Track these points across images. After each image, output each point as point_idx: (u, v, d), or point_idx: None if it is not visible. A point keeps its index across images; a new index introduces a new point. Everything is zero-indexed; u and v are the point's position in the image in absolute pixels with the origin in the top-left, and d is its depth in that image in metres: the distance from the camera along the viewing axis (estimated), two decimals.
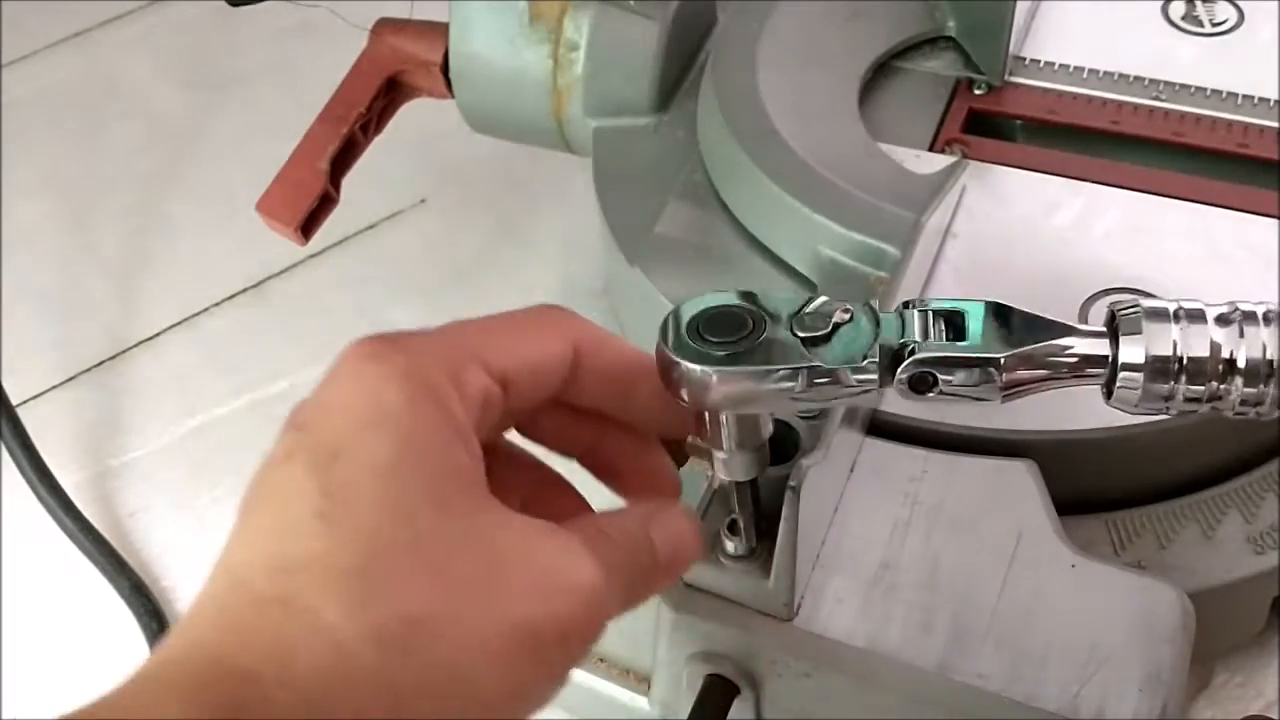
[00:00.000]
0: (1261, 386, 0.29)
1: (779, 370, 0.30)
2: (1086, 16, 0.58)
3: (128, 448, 0.64)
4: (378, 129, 0.61)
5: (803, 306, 0.31)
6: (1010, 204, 0.51)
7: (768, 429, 0.34)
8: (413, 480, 0.27)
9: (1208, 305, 0.30)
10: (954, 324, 0.31)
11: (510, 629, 0.27)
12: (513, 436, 0.34)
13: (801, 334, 0.30)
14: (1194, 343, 0.30)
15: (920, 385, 0.30)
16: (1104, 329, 0.31)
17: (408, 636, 0.26)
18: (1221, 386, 0.30)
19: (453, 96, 0.59)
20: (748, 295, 0.31)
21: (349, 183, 0.60)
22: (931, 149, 0.54)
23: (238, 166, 0.74)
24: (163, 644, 0.27)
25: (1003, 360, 0.30)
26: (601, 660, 0.46)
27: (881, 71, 0.57)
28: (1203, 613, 0.40)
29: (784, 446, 0.38)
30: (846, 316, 0.31)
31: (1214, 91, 0.54)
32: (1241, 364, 0.29)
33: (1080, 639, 0.39)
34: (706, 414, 0.33)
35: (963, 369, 0.30)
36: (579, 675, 0.47)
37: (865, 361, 0.30)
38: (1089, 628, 0.39)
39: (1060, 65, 0.56)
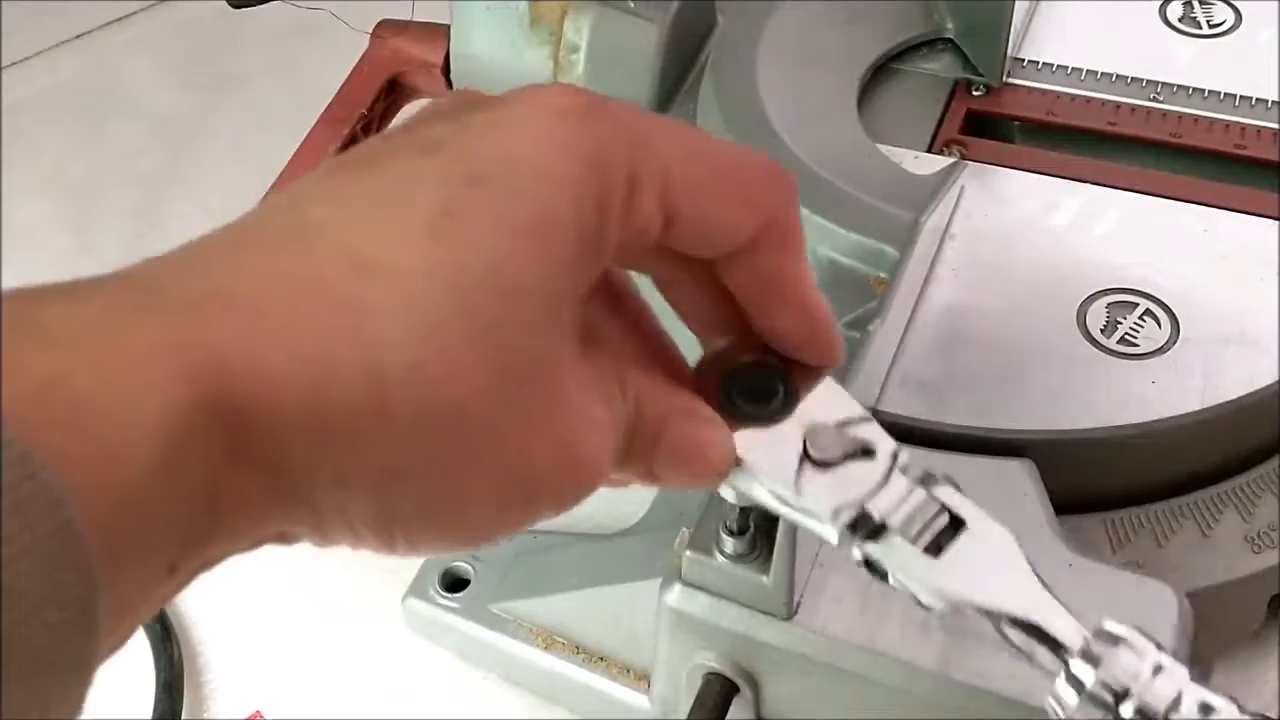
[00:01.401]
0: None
1: (762, 473, 0.28)
2: (1084, 18, 0.59)
3: None
4: (379, 130, 0.61)
5: (835, 417, 0.28)
6: (1008, 205, 0.51)
7: None
8: (539, 263, 0.23)
9: (1190, 683, 0.27)
10: (944, 531, 0.28)
11: (522, 477, 0.25)
12: None
13: (811, 451, 0.28)
14: (1156, 692, 0.27)
15: (871, 569, 0.28)
16: (1086, 635, 0.28)
17: (443, 424, 0.23)
18: None
19: None
20: (790, 368, 0.29)
21: None
22: (930, 150, 0.54)
23: (239, 168, 0.74)
24: (185, 252, 0.23)
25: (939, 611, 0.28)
26: (602, 659, 0.47)
27: (880, 73, 0.57)
28: (1200, 612, 0.40)
29: None
30: (862, 456, 0.28)
31: (1212, 93, 0.54)
32: None
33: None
34: None
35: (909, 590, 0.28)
36: (579, 674, 0.47)
37: (835, 521, 0.28)
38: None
39: (1058, 67, 0.56)
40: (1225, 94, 0.54)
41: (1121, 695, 0.27)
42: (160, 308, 0.22)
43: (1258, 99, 0.54)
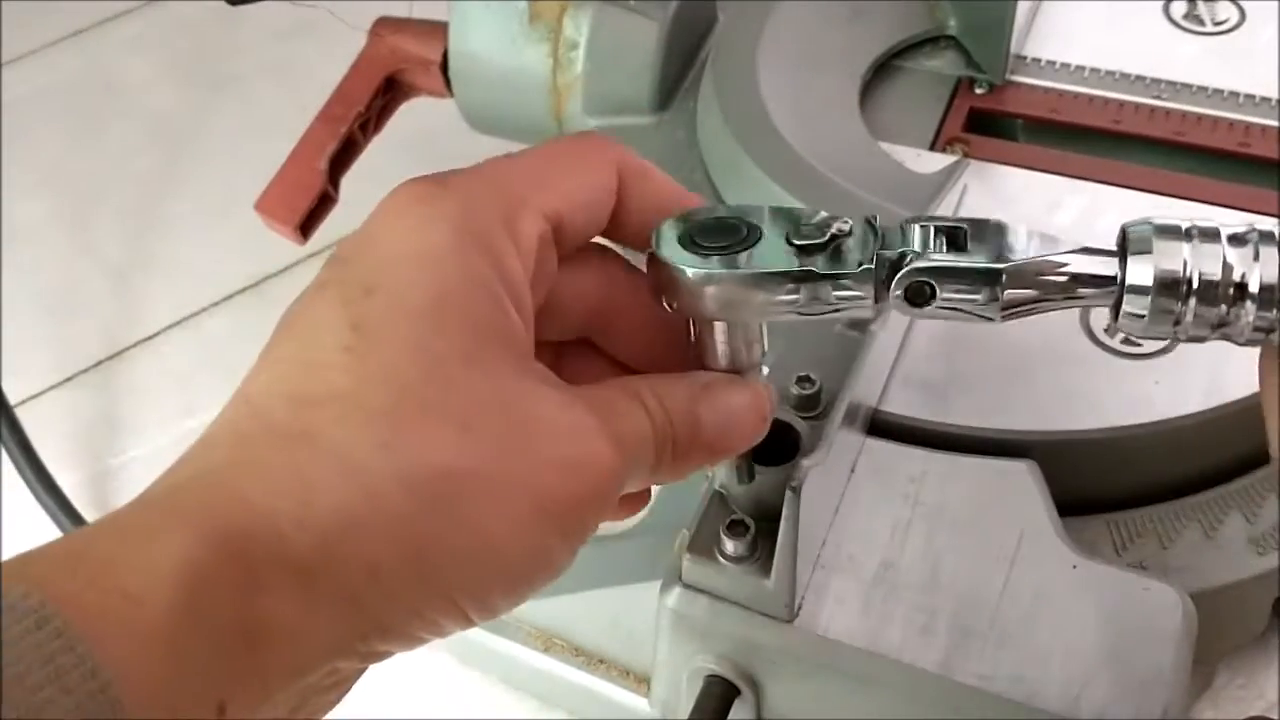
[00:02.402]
0: (1275, 311, 0.28)
1: (773, 272, 0.29)
2: (1088, 15, 0.58)
3: (126, 448, 0.64)
4: (377, 128, 0.61)
5: (800, 218, 0.30)
6: (1011, 203, 0.51)
7: (759, 350, 0.32)
8: (448, 328, 0.26)
9: (1223, 225, 0.28)
10: (956, 240, 0.29)
11: (534, 498, 0.26)
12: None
13: (798, 242, 0.29)
14: (1206, 262, 0.28)
15: (917, 297, 0.29)
16: (1114, 248, 0.29)
17: (438, 487, 0.24)
18: (1232, 311, 0.28)
19: (452, 95, 0.59)
20: (742, 209, 0.30)
21: (348, 182, 0.60)
22: (932, 148, 0.54)
23: (236, 166, 0.73)
24: (170, 469, 0.25)
25: (1004, 273, 0.28)
26: (602, 661, 0.46)
27: (882, 71, 0.56)
28: (1204, 614, 0.40)
29: (784, 446, 0.38)
30: (845, 228, 0.29)
31: (1215, 91, 0.54)
32: (1255, 287, 0.27)
33: (1082, 640, 0.39)
34: (695, 330, 0.31)
35: (962, 280, 0.28)
36: (579, 677, 0.47)
37: (861, 269, 0.29)
38: (1090, 629, 0.39)
39: (1061, 64, 0.56)
40: (1229, 92, 0.54)
41: (1181, 282, 0.28)
42: (156, 494, 0.25)
43: (1261, 97, 0.54)
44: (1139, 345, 0.46)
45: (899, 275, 0.29)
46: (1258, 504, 0.46)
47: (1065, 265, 0.29)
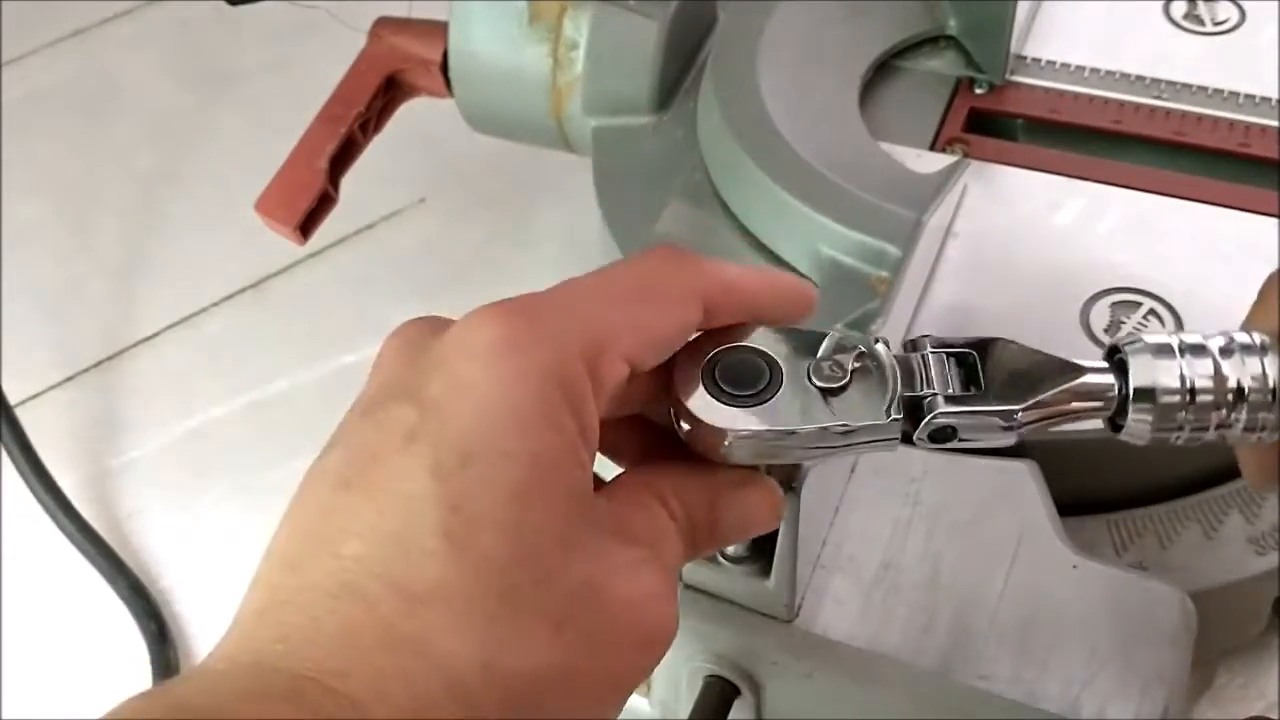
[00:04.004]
0: (1264, 413, 0.30)
1: (803, 430, 0.29)
2: (1088, 15, 0.58)
3: (126, 448, 0.64)
4: (377, 128, 0.61)
5: (817, 350, 0.30)
6: (1011, 203, 0.51)
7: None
8: (543, 507, 0.25)
9: (1206, 337, 0.31)
10: (966, 365, 0.31)
11: (616, 681, 0.26)
12: None
13: (821, 384, 0.30)
14: (1200, 374, 0.30)
15: (940, 438, 0.30)
16: (1106, 364, 0.31)
17: (530, 694, 0.25)
18: (1230, 415, 0.30)
19: (452, 95, 0.59)
20: (757, 336, 0.30)
21: (348, 182, 0.60)
22: (932, 148, 0.54)
23: (236, 165, 0.73)
24: (253, 634, 0.24)
25: (1020, 413, 0.30)
26: None
27: (882, 71, 0.56)
28: (1204, 614, 0.40)
29: None
30: (861, 362, 0.30)
31: (1215, 91, 0.54)
32: (1247, 392, 0.30)
33: (1082, 640, 0.39)
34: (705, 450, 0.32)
35: (980, 424, 0.30)
36: None
37: (890, 420, 0.30)
38: (1090, 628, 0.39)
39: (1061, 64, 0.56)
40: (1229, 92, 0.54)
41: (1179, 392, 0.30)
42: (277, 686, 0.23)
43: (1261, 97, 0.54)
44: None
45: (924, 424, 0.30)
46: (1258, 504, 0.46)
47: (1071, 393, 0.31)
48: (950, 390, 0.30)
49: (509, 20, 0.55)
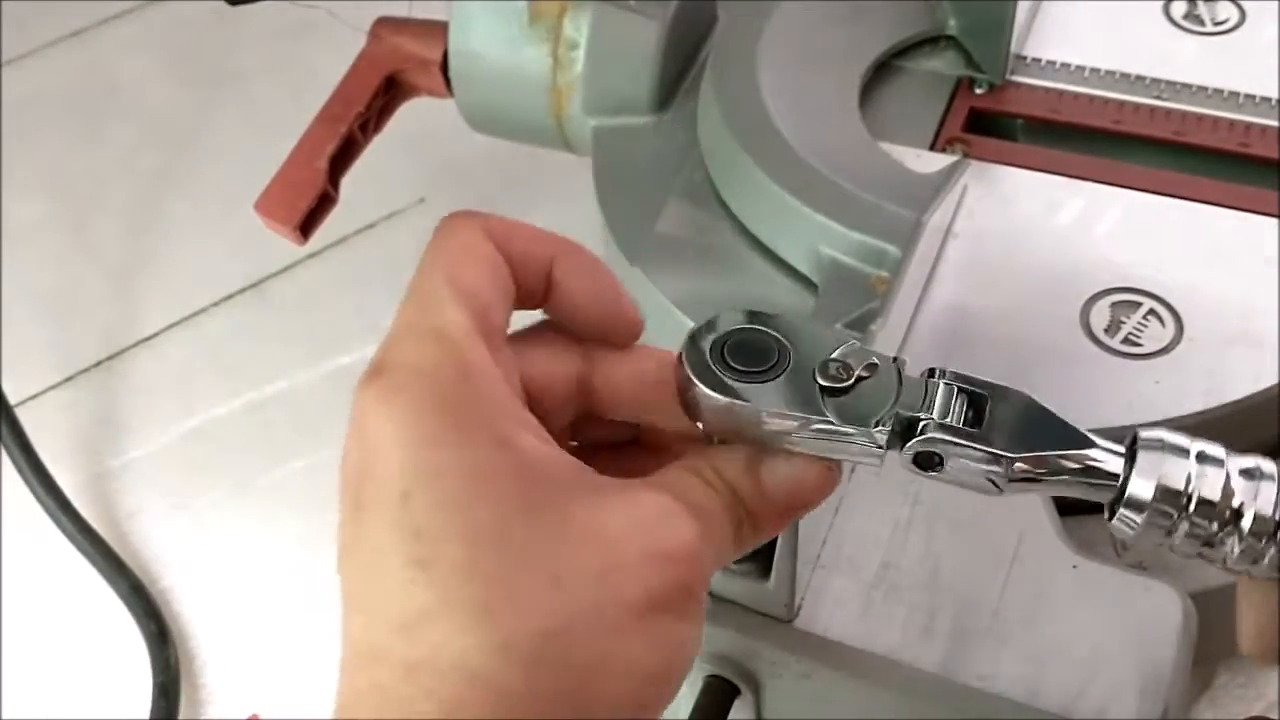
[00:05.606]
0: (1263, 543, 0.29)
1: (793, 418, 0.29)
2: (1088, 15, 0.58)
3: (126, 448, 0.64)
4: (377, 128, 0.61)
5: (831, 350, 0.30)
6: (1011, 203, 0.51)
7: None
8: (493, 494, 0.26)
9: (1229, 455, 0.30)
10: (977, 405, 0.30)
11: (635, 602, 0.26)
12: None
13: (823, 382, 0.30)
14: (1208, 484, 0.29)
15: (925, 462, 0.30)
16: (1122, 449, 0.30)
17: (547, 650, 0.25)
18: (1222, 534, 0.29)
19: (452, 95, 0.59)
20: (778, 322, 0.31)
21: (348, 182, 0.60)
22: (932, 148, 0.53)
23: (236, 166, 0.73)
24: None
25: (1014, 461, 0.29)
26: None
27: (882, 71, 0.56)
28: (1204, 614, 0.40)
29: None
30: (870, 372, 0.30)
31: (1215, 91, 0.54)
32: (1248, 516, 0.29)
33: (1082, 640, 0.39)
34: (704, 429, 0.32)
35: (971, 459, 0.30)
36: None
37: (877, 429, 0.29)
38: (1090, 629, 0.39)
39: (1061, 64, 0.56)
40: (1229, 92, 0.54)
41: (1181, 497, 0.29)
42: None
43: (1261, 97, 0.54)
44: (1139, 345, 0.46)
45: (911, 442, 0.30)
46: None
47: (1072, 461, 0.29)
48: (950, 420, 0.30)
49: (509, 20, 0.55)
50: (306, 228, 0.58)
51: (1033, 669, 0.38)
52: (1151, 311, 0.47)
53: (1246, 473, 0.29)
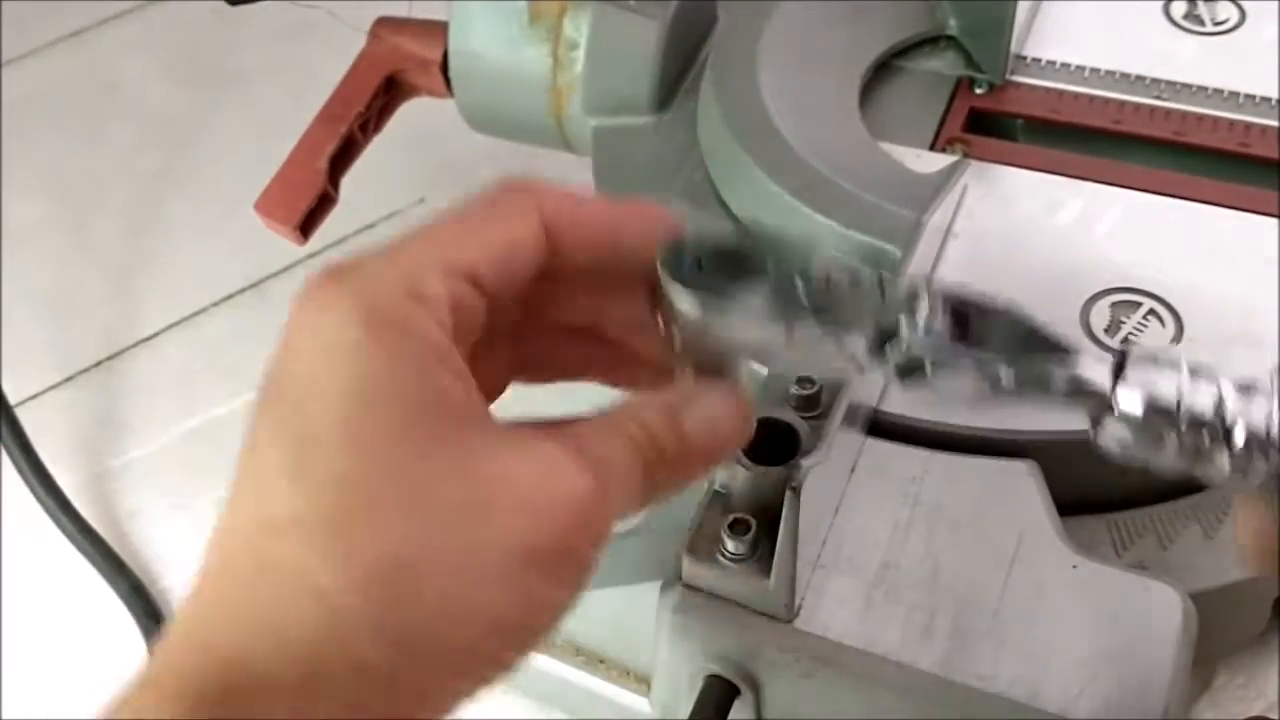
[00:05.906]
0: (1254, 455, 0.28)
1: (771, 325, 0.29)
2: (1088, 15, 0.58)
3: (126, 448, 0.64)
4: (376, 128, 0.61)
5: (811, 262, 0.30)
6: (1012, 203, 0.51)
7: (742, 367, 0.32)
8: (381, 416, 0.26)
9: (1224, 377, 0.29)
10: (963, 315, 0.29)
11: (504, 551, 0.26)
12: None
13: (804, 289, 0.29)
14: (1199, 397, 0.28)
15: (908, 373, 0.29)
16: (1112, 360, 0.29)
17: (395, 578, 0.25)
18: (1213, 448, 0.28)
19: (452, 95, 0.59)
20: (758, 231, 0.30)
21: (348, 182, 0.60)
22: (932, 148, 0.53)
23: (236, 166, 0.73)
24: (163, 637, 0.27)
25: (1000, 370, 0.28)
26: (602, 661, 0.46)
27: (882, 71, 0.56)
28: (1204, 614, 0.40)
29: (784, 446, 0.38)
30: (852, 282, 0.29)
31: (1215, 90, 0.54)
32: (1240, 430, 0.28)
33: (1082, 640, 0.39)
34: (679, 338, 0.31)
35: (955, 368, 0.28)
36: (579, 677, 0.47)
37: (857, 336, 0.29)
38: (1090, 629, 0.39)
39: (1062, 64, 0.56)
40: (1229, 92, 0.54)
41: (1170, 409, 0.28)
42: (154, 671, 0.26)
43: (1261, 97, 0.54)
44: (1139, 345, 0.46)
45: (893, 350, 0.29)
46: None
47: (1058, 369, 0.29)
48: (936, 329, 0.28)
49: (509, 20, 0.55)
50: (306, 228, 0.58)
51: (1033, 669, 0.38)
52: (1151, 311, 0.47)
53: (1239, 387, 0.28)
